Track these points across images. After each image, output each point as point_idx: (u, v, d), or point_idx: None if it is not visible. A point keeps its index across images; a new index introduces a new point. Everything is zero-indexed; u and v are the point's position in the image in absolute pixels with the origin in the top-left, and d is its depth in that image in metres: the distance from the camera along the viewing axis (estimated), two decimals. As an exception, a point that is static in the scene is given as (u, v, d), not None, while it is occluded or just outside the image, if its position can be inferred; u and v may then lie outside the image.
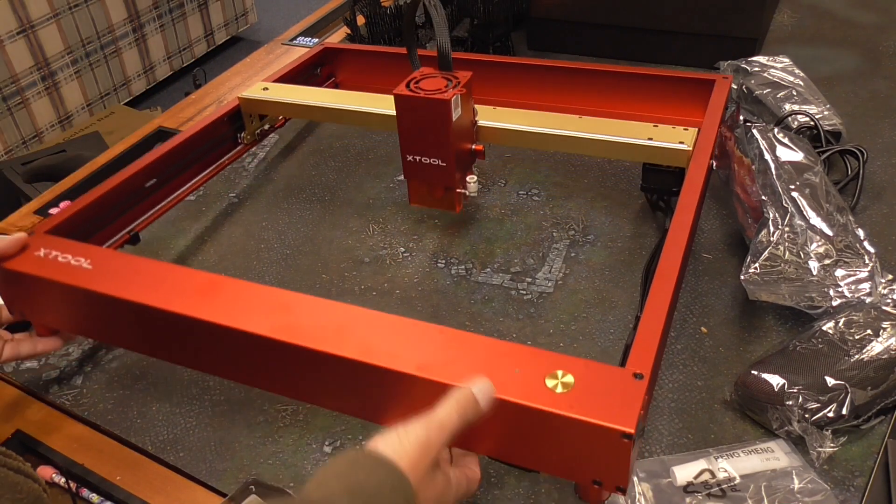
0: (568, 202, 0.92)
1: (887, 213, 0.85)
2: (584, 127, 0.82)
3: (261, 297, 0.62)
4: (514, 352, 0.54)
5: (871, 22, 1.22)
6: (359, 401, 0.59)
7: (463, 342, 0.55)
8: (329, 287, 0.83)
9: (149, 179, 0.85)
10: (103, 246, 0.80)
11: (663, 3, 1.11)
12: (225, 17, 3.02)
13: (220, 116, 0.94)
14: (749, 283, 0.70)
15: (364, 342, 0.56)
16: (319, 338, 0.56)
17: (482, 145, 0.83)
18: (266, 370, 0.62)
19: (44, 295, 0.68)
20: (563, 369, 0.51)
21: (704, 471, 0.60)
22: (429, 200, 0.85)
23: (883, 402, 0.63)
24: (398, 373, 0.53)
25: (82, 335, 0.74)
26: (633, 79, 0.94)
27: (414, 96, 0.76)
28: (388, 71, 1.06)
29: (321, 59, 1.10)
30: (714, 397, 0.67)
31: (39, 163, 1.69)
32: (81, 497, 0.65)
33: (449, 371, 0.52)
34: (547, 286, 0.81)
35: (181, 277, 0.64)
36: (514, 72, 0.99)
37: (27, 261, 0.68)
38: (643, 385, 0.50)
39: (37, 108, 2.38)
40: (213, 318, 0.60)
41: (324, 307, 0.60)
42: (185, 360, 0.68)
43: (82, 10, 2.43)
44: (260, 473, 0.65)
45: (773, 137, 0.79)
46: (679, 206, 0.69)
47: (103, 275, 0.65)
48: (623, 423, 0.48)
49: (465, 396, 0.49)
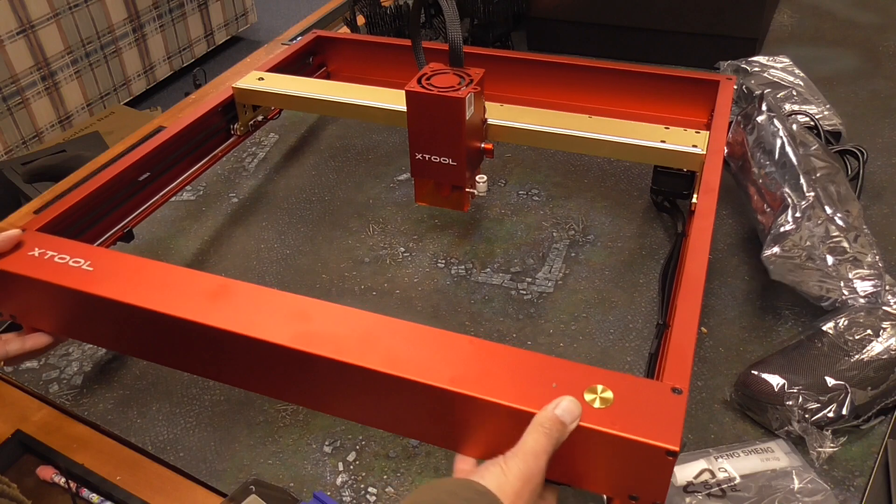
0: (568, 202, 0.92)
1: (887, 213, 0.85)
2: (595, 127, 0.81)
3: (275, 302, 0.58)
4: (550, 365, 0.52)
5: (871, 22, 1.22)
6: (385, 413, 0.56)
7: (494, 353, 0.53)
8: (329, 287, 0.83)
9: (142, 173, 0.83)
10: (96, 243, 0.77)
11: (663, 3, 1.11)
12: (225, 17, 3.02)
13: (213, 107, 0.91)
14: (771, 263, 0.70)
15: (391, 353, 0.53)
16: (343, 348, 0.53)
17: (491, 144, 0.81)
18: (283, 379, 0.59)
19: (39, 298, 0.64)
20: (602, 383, 0.50)
21: (704, 471, 0.60)
22: (436, 199, 0.83)
23: (883, 402, 0.63)
24: (430, 386, 0.51)
25: (82, 340, 0.72)
26: (637, 77, 0.93)
27: (427, 93, 0.73)
28: (380, 61, 1.04)
29: (313, 48, 1.07)
30: (714, 397, 0.67)
31: (39, 163, 1.69)
32: (81, 497, 0.65)
33: (483, 385, 0.50)
34: (547, 286, 0.81)
35: (189, 280, 0.61)
36: (520, 67, 0.98)
37: (20, 261, 0.63)
38: (683, 400, 0.49)
39: (37, 108, 2.38)
40: (228, 325, 0.56)
41: (345, 315, 0.57)
42: (194, 368, 0.65)
43: (82, 10, 2.43)
44: (260, 473, 0.65)
45: (795, 129, 0.79)
46: (698, 212, 0.68)
47: (106, 277, 0.61)
48: (668, 440, 0.47)
49: (549, 420, 0.47)
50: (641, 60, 1.16)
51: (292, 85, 0.94)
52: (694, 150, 0.76)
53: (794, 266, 0.70)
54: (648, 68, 0.94)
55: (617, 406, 0.48)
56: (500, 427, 0.51)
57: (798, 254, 0.70)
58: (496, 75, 0.99)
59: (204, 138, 0.92)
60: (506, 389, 0.49)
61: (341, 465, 0.65)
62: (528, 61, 0.98)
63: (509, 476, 0.45)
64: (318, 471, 0.65)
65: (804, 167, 0.75)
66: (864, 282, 0.69)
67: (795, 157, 0.76)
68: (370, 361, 0.52)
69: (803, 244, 0.70)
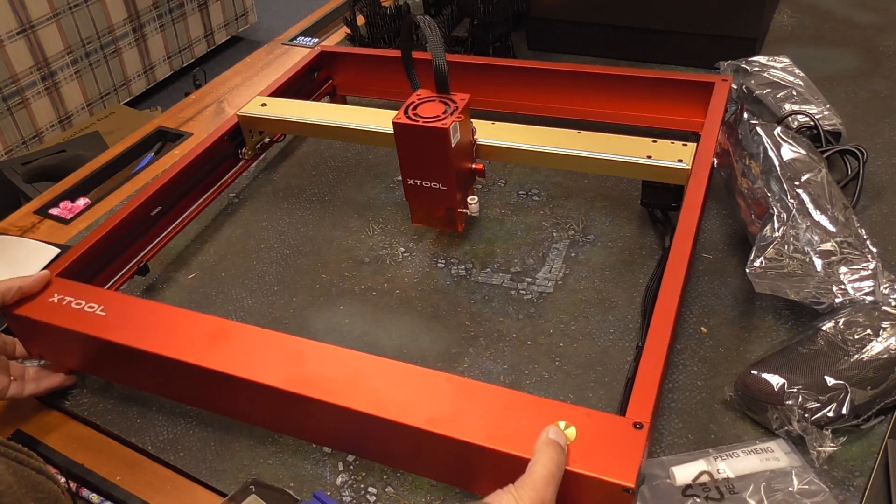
0: (568, 202, 0.92)
1: (887, 213, 0.85)
2: (583, 144, 0.82)
3: (271, 344, 0.63)
4: (519, 402, 0.56)
5: (871, 22, 1.22)
6: (372, 446, 0.62)
7: (469, 392, 0.57)
8: (329, 287, 0.83)
9: (154, 208, 0.86)
10: (113, 280, 0.82)
11: (663, 2, 1.11)
12: (225, 17, 3.03)
13: (220, 136, 0.94)
14: (755, 276, 0.70)
15: (375, 393, 0.58)
16: (331, 390, 0.58)
17: (482, 164, 0.84)
18: (277, 416, 0.65)
19: (58, 341, 0.70)
20: (567, 419, 0.53)
21: (704, 472, 0.60)
22: (431, 220, 0.87)
23: (883, 401, 0.63)
24: (408, 426, 0.55)
25: (98, 377, 0.76)
26: (632, 82, 0.94)
27: (412, 125, 0.76)
28: (386, 73, 1.06)
29: (318, 63, 1.09)
30: (714, 397, 0.67)
31: (39, 163, 1.69)
32: (81, 497, 0.65)
33: (456, 426, 0.54)
34: (547, 286, 0.81)
35: (191, 323, 0.66)
36: (515, 75, 0.99)
37: (42, 307, 0.69)
38: (643, 435, 0.52)
39: (37, 108, 2.38)
40: (224, 368, 0.61)
41: (335, 355, 0.62)
42: (199, 402, 0.70)
43: (82, 10, 2.43)
44: (260, 473, 0.65)
45: (777, 135, 0.79)
46: (678, 232, 0.69)
47: (116, 322, 0.67)
48: (624, 477, 0.50)
49: (551, 447, 0.50)
50: (641, 61, 1.16)
51: (295, 110, 0.96)
52: (679, 164, 0.77)
53: (780, 276, 0.69)
54: (644, 72, 0.94)
55: (579, 442, 0.52)
56: (471, 462, 0.56)
57: (785, 263, 0.69)
58: (493, 84, 1.00)
59: (213, 167, 0.94)
60: (476, 428, 0.54)
61: (341, 465, 0.65)
62: (524, 69, 0.99)
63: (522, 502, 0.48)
64: (318, 471, 0.65)
65: (787, 172, 0.75)
66: (859, 282, 0.69)
67: (778, 163, 0.76)
68: (356, 403, 0.57)
69: (789, 252, 0.70)
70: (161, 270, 0.88)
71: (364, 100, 1.13)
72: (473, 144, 0.83)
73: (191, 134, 1.14)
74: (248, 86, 1.24)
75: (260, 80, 1.24)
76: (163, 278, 0.87)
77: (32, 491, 0.48)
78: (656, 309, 0.62)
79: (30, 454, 0.50)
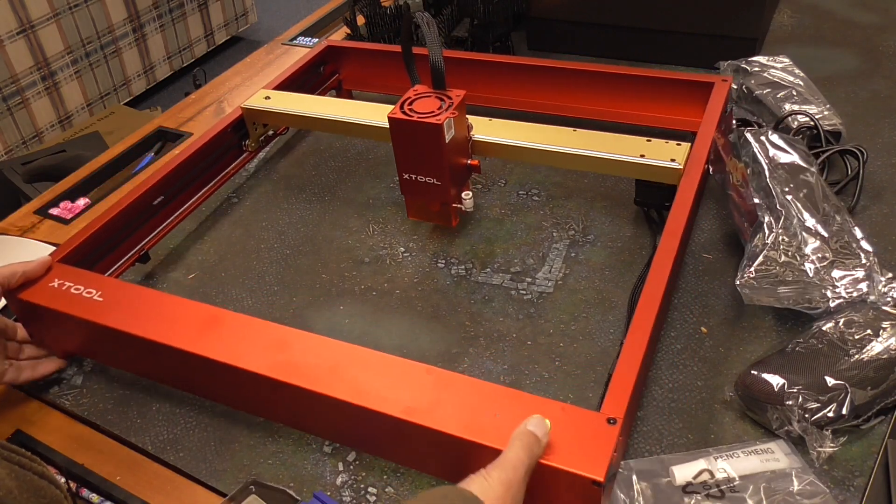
0: (568, 202, 0.92)
1: (887, 213, 0.85)
2: (578, 142, 0.82)
3: (259, 332, 0.65)
4: (497, 394, 0.57)
5: (871, 22, 1.22)
6: (354, 434, 0.64)
7: (448, 383, 0.58)
8: (329, 287, 0.83)
9: (157, 197, 0.86)
10: (115, 266, 0.83)
11: (663, 2, 1.10)
12: (225, 17, 3.02)
13: (224, 127, 0.94)
14: (745, 287, 0.70)
15: (356, 383, 0.59)
16: (314, 378, 0.60)
17: (477, 160, 0.84)
18: (263, 401, 0.66)
19: (57, 325, 0.72)
20: (541, 413, 0.54)
21: (704, 471, 0.60)
22: (426, 214, 0.87)
23: (883, 401, 0.63)
24: (386, 415, 0.57)
25: (94, 360, 0.77)
26: (632, 80, 0.94)
27: (407, 120, 0.77)
28: (391, 68, 1.06)
29: (324, 57, 1.10)
30: (714, 397, 0.67)
31: (39, 163, 1.69)
32: (81, 497, 0.65)
33: (432, 416, 0.56)
34: (547, 286, 0.81)
35: (184, 310, 0.67)
36: (514, 72, 0.99)
37: (42, 292, 0.71)
38: (615, 431, 0.53)
39: (37, 108, 2.38)
40: (212, 354, 0.63)
41: (320, 344, 0.63)
42: (189, 387, 0.72)
43: (82, 10, 2.43)
44: (260, 473, 0.65)
45: (766, 141, 0.79)
46: (667, 230, 0.69)
47: (112, 308, 0.68)
48: (593, 471, 0.51)
49: (526, 436, 0.52)
50: (641, 61, 1.16)
51: (297, 104, 0.97)
52: (671, 164, 0.78)
53: (772, 284, 0.69)
54: (644, 71, 0.94)
55: (552, 436, 0.53)
56: (447, 451, 0.57)
57: (776, 271, 0.69)
58: (493, 80, 1.00)
59: (217, 157, 0.95)
60: (451, 419, 0.55)
61: (341, 464, 0.65)
62: (523, 66, 0.99)
63: (491, 482, 0.50)
64: (318, 471, 0.65)
65: (776, 178, 0.75)
66: (854, 283, 0.69)
67: (768, 170, 0.76)
68: (337, 391, 0.59)
69: (779, 259, 0.70)
70: (161, 270, 0.88)
71: (370, 94, 1.13)
72: (469, 140, 0.83)
73: (191, 134, 1.14)
74: (248, 86, 1.24)
75: (260, 80, 1.24)
76: (163, 278, 0.87)
77: (34, 496, 0.48)
78: (638, 306, 0.62)
79: (32, 458, 0.50)
